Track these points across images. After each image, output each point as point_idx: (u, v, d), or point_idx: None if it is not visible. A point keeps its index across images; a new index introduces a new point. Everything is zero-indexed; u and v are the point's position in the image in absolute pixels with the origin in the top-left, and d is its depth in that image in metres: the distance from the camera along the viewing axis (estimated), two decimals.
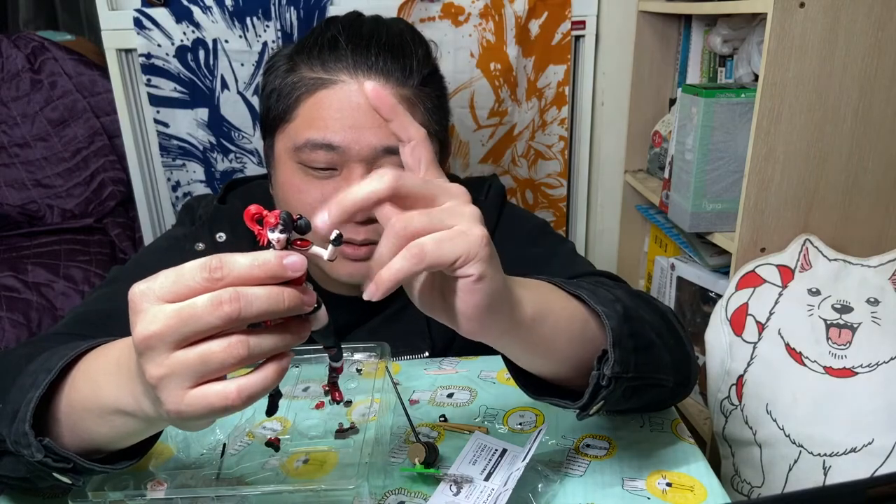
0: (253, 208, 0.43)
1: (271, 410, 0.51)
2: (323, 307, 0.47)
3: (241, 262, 0.42)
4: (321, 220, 0.44)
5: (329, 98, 0.75)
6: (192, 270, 0.41)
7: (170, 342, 0.41)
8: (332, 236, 0.46)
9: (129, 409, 0.48)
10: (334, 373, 0.55)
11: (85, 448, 0.53)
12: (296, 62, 0.79)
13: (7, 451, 0.53)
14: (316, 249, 0.45)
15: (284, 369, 0.44)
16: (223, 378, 0.43)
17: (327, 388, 0.56)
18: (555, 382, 0.61)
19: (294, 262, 0.42)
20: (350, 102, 0.75)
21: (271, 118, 0.81)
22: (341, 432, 0.69)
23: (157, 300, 0.41)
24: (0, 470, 0.56)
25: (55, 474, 0.52)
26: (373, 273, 0.45)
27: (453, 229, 0.46)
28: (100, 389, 0.50)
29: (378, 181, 0.45)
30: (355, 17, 0.83)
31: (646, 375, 0.60)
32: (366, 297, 0.45)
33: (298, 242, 0.44)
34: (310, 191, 0.77)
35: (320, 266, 0.80)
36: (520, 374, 0.61)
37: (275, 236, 0.43)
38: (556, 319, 0.55)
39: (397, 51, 0.77)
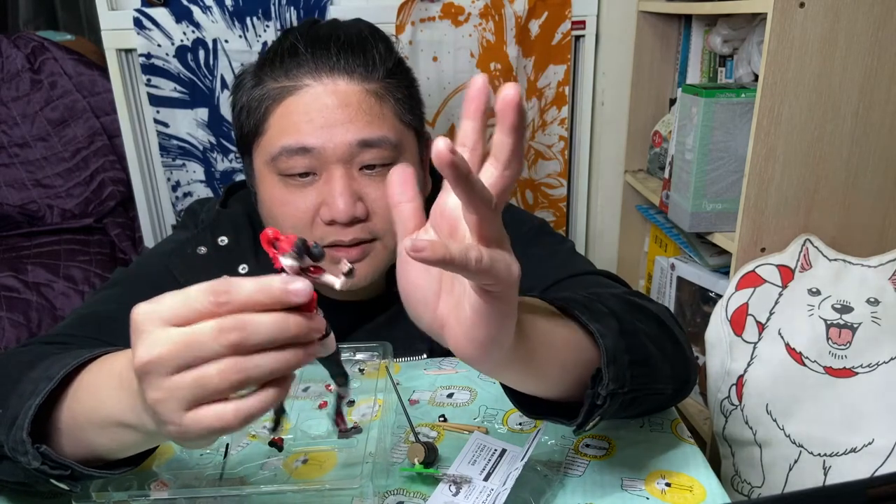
0: (270, 232, 0.43)
1: (275, 428, 0.51)
2: (332, 335, 0.47)
3: (247, 287, 0.41)
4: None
5: (296, 104, 0.75)
6: (198, 294, 0.41)
7: (170, 367, 0.41)
8: (346, 269, 0.45)
9: (131, 422, 0.48)
10: (341, 400, 0.54)
11: (85, 457, 0.53)
12: (260, 76, 0.79)
13: (5, 456, 0.53)
14: (328, 278, 0.45)
15: (284, 392, 0.44)
16: (224, 399, 0.42)
17: (336, 420, 0.55)
18: (550, 399, 0.61)
19: (299, 288, 0.42)
20: (318, 104, 0.75)
21: (245, 135, 0.81)
22: (344, 432, 0.69)
23: (161, 323, 0.41)
24: (0, 475, 0.56)
25: (52, 481, 0.53)
26: (433, 245, 0.39)
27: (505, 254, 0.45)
28: (101, 402, 0.50)
29: (476, 258, 0.41)
30: (311, 23, 0.83)
31: (643, 388, 0.60)
32: (413, 250, 0.39)
33: (312, 270, 0.44)
34: (293, 202, 0.77)
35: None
36: (514, 393, 0.60)
37: (287, 262, 0.43)
38: (551, 346, 0.55)
39: (357, 48, 0.77)
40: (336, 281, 0.45)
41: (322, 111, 0.75)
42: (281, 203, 0.78)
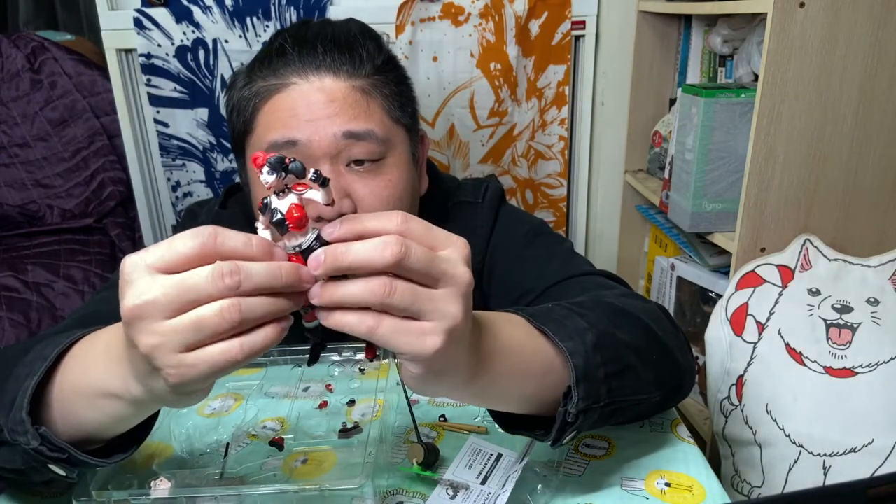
0: (259, 154, 0.44)
1: (312, 360, 0.51)
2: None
3: (236, 238, 0.43)
4: (314, 266, 0.44)
5: (283, 101, 0.76)
6: (184, 240, 0.42)
7: (164, 311, 0.41)
8: (312, 176, 0.45)
9: (117, 391, 0.48)
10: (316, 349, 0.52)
11: (77, 436, 0.53)
12: (251, 76, 0.80)
13: (4, 442, 0.54)
14: (311, 194, 0.45)
15: (285, 329, 0.44)
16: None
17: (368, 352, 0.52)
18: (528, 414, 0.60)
19: (278, 252, 0.44)
20: (304, 101, 0.75)
21: (237, 135, 0.82)
22: (345, 432, 0.69)
23: (149, 270, 0.42)
24: None
25: (49, 465, 0.53)
26: (330, 295, 0.44)
27: (421, 326, 0.45)
28: (89, 373, 0.51)
29: (382, 249, 0.42)
30: (302, 23, 0.84)
31: (623, 399, 0.60)
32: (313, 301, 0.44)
33: (297, 186, 0.45)
34: None
35: None
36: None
37: (264, 178, 0.43)
38: (514, 373, 0.55)
39: (344, 46, 0.78)
40: (317, 194, 0.46)
41: (308, 107, 0.75)
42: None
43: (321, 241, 0.45)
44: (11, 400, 0.52)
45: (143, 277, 0.42)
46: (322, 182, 0.46)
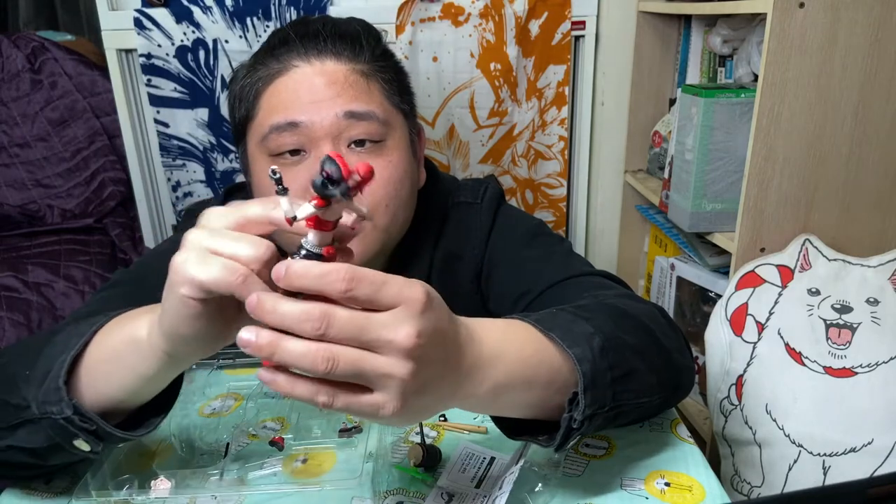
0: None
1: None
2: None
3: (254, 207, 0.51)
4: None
5: (285, 83, 0.77)
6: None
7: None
8: (317, 180, 0.45)
9: (141, 336, 0.51)
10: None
11: (102, 406, 0.55)
12: (254, 66, 0.81)
13: (26, 421, 0.55)
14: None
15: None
16: None
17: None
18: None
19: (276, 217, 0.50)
20: (306, 83, 0.76)
21: (238, 122, 0.83)
22: (345, 432, 0.69)
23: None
24: (15, 442, 0.57)
25: (75, 442, 0.55)
26: (269, 346, 0.42)
27: (373, 400, 0.44)
28: (118, 332, 0.55)
29: (334, 279, 0.42)
30: (303, 18, 0.86)
31: (626, 403, 0.60)
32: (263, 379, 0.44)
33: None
34: (284, 180, 0.78)
35: None
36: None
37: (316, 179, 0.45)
38: (518, 378, 0.54)
39: (345, 34, 0.79)
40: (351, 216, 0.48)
41: (310, 89, 0.76)
42: (272, 183, 0.79)
43: (308, 255, 0.45)
44: (45, 373, 0.54)
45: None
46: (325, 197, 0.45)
